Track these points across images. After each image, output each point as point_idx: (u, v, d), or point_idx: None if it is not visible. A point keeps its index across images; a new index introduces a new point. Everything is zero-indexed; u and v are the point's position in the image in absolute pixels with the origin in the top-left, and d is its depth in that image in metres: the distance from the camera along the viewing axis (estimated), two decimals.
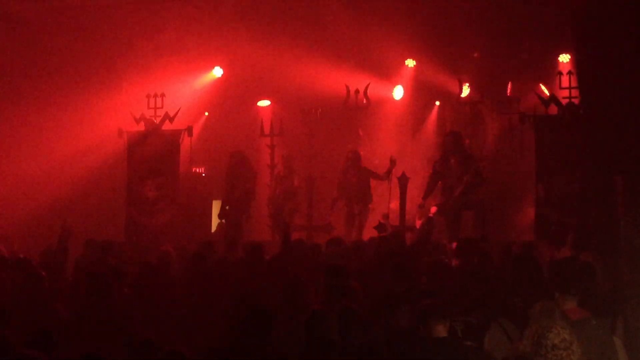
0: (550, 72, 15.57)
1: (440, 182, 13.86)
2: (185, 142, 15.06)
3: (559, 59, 15.88)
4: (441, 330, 6.22)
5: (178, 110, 15.16)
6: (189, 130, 15.00)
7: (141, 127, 15.23)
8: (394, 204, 14.38)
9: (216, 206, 16.05)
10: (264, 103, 17.66)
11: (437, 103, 17.32)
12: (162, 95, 15.49)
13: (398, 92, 17.35)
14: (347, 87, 16.60)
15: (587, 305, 6.56)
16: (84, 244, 11.71)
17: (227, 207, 15.29)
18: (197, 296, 8.54)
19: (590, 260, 8.72)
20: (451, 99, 16.84)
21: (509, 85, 16.27)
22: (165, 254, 10.50)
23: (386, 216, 13.33)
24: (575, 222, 12.52)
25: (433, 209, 13.67)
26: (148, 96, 15.52)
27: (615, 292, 7.99)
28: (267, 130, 16.44)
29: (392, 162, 14.24)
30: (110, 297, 8.08)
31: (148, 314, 8.03)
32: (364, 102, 16.58)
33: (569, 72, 13.73)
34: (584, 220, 12.35)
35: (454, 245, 10.75)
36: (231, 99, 17.43)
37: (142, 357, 6.05)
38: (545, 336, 5.22)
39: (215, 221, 16.08)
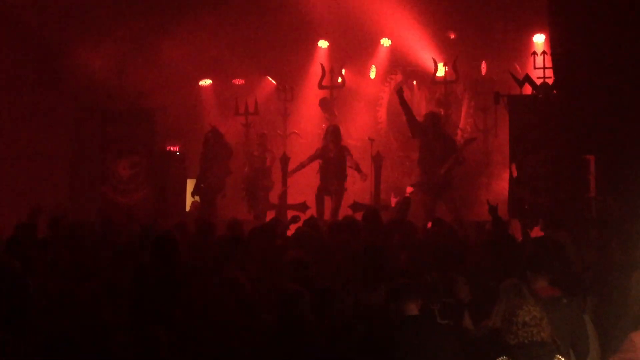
0: (524, 53, 15.62)
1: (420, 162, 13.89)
2: (160, 121, 14.96)
3: (534, 39, 15.92)
4: (413, 309, 6.24)
5: (152, 88, 15.06)
6: (164, 108, 14.91)
7: (116, 105, 15.11)
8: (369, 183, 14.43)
9: (191, 185, 16.00)
10: (238, 82, 17.57)
11: (415, 83, 17.33)
12: (137, 72, 15.38)
13: (373, 72, 17.34)
14: (322, 66, 16.61)
15: (558, 284, 6.61)
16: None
17: (201, 186, 15.24)
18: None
19: (561, 239, 8.78)
20: (426, 79, 16.88)
21: (484, 65, 16.33)
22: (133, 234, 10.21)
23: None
24: (548, 201, 12.63)
25: (409, 189, 13.70)
26: (123, 73, 15.41)
27: (586, 271, 8.07)
28: (241, 109, 16.38)
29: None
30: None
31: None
32: (339, 81, 16.56)
33: (543, 53, 13.77)
34: (556, 200, 12.46)
35: (429, 224, 10.78)
36: (205, 78, 17.34)
37: None
38: (515, 314, 5.26)
39: (189, 200, 16.05)
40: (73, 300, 6.78)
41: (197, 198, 15.27)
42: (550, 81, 13.19)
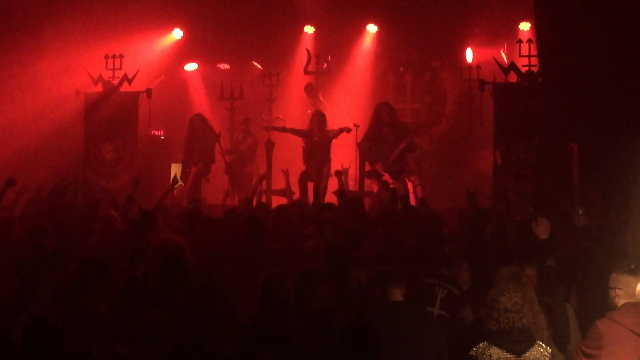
0: (510, 40, 15.66)
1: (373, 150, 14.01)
2: (144, 105, 14.87)
3: (520, 27, 15.95)
4: (397, 294, 6.27)
5: (137, 72, 14.98)
6: (148, 92, 14.82)
7: (99, 88, 15.04)
8: (352, 169, 14.41)
9: (175, 169, 15.92)
10: (224, 66, 17.50)
11: (401, 69, 17.31)
12: (121, 56, 15.28)
13: (359, 58, 17.29)
14: (308, 51, 16.57)
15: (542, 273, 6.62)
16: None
17: (187, 170, 15.18)
18: None
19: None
20: (412, 66, 16.86)
21: (469, 52, 16.34)
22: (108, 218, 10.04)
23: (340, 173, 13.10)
24: (532, 189, 12.67)
25: (386, 176, 13.69)
26: (106, 57, 15.31)
27: (569, 260, 8.08)
28: (226, 94, 16.31)
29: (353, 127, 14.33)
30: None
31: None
32: (325, 67, 16.53)
33: (529, 40, 13.79)
34: (540, 188, 12.49)
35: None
36: (191, 62, 17.28)
37: None
38: (497, 300, 5.29)
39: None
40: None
41: (182, 183, 15.19)
42: (535, 69, 13.22)
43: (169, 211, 10.87)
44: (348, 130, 14.37)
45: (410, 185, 13.36)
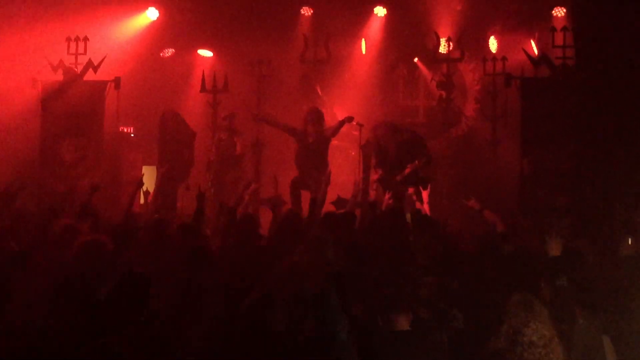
0: (542, 28, 15.64)
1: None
2: (112, 96, 14.86)
3: (553, 12, 15.94)
4: (403, 323, 6.22)
5: (104, 58, 15.00)
6: (117, 82, 14.82)
7: (59, 76, 15.05)
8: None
9: (147, 173, 15.88)
10: (205, 53, 17.49)
11: (416, 60, 17.32)
12: (86, 39, 15.29)
13: (364, 46, 17.29)
14: (304, 37, 16.55)
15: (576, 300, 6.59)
16: None
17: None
18: None
19: (580, 248, 8.76)
20: (426, 56, 16.86)
21: (493, 41, 16.33)
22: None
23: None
24: (567, 202, 12.64)
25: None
26: (68, 39, 15.30)
27: (609, 285, 8.04)
28: (208, 85, 16.30)
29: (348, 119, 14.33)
30: None
31: None
32: (324, 55, 16.52)
33: (564, 29, 13.81)
34: (576, 202, 12.45)
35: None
36: (167, 47, 17.31)
37: None
38: (521, 332, 5.25)
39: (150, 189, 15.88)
40: None
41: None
42: (571, 62, 13.24)
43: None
44: (350, 120, 14.30)
45: (425, 195, 13.34)
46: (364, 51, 17.34)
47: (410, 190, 13.12)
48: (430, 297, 7.09)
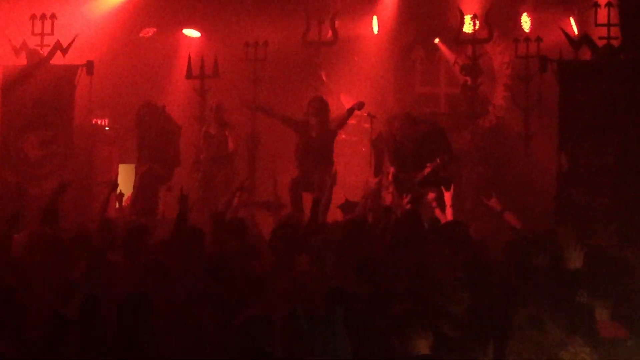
0: (582, 3, 15.61)
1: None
2: (83, 83, 14.84)
3: None
4: (422, 346, 6.14)
5: (74, 39, 15.01)
6: (89, 66, 14.82)
7: (22, 60, 15.08)
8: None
9: (125, 172, 15.88)
10: (192, 33, 17.45)
11: (436, 41, 17.27)
12: (53, 16, 15.29)
13: (376, 25, 17.25)
14: (307, 14, 16.51)
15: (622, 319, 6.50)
16: None
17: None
18: None
19: (627, 255, 8.70)
20: (448, 36, 16.82)
21: (527, 19, 16.30)
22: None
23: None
24: (608, 203, 12.60)
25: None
26: (33, 17, 15.31)
27: None
28: (196, 70, 16.27)
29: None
30: None
31: None
32: (330, 36, 16.49)
33: (608, 4, 13.76)
34: (619, 202, 12.41)
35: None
36: (148, 26, 17.31)
37: None
38: (557, 356, 5.19)
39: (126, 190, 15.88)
40: None
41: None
42: (616, 42, 13.25)
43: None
44: (359, 107, 14.23)
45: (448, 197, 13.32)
46: (375, 31, 17.35)
47: (431, 195, 13.11)
48: (464, 315, 7.02)
